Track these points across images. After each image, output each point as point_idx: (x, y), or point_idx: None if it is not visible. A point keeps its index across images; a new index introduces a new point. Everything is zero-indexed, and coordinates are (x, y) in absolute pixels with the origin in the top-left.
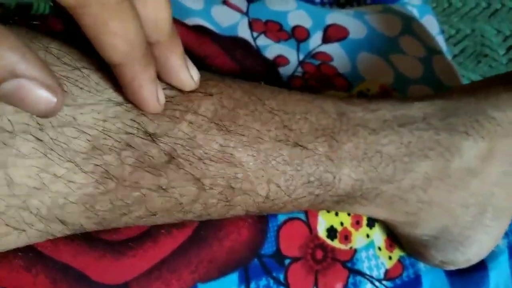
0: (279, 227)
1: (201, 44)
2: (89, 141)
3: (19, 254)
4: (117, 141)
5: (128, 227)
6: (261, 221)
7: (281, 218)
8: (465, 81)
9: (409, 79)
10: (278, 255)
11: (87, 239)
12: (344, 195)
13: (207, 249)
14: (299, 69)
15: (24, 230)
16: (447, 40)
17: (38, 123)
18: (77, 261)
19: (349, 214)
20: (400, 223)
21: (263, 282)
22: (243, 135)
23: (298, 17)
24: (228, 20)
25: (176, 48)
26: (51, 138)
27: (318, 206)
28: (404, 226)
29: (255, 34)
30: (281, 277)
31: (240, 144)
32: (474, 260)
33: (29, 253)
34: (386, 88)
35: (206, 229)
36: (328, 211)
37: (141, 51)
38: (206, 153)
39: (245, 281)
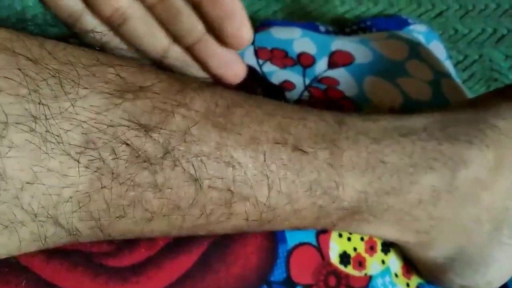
0: (289, 253)
1: None
2: (82, 134)
3: (21, 281)
4: (110, 134)
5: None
6: (270, 246)
7: (291, 243)
8: None
9: (418, 102)
10: (289, 282)
11: (90, 266)
12: (349, 209)
13: (214, 275)
14: (306, 93)
15: (16, 231)
16: (455, 65)
17: (31, 115)
18: None
19: (362, 239)
20: (413, 244)
21: None
22: (240, 134)
23: (303, 44)
24: None
25: None
26: (45, 131)
27: (324, 221)
28: (417, 248)
29: (261, 61)
30: None
31: (237, 144)
32: (496, 283)
33: (31, 280)
34: (396, 111)
35: (213, 255)
36: (340, 235)
37: None
38: (202, 150)
39: None
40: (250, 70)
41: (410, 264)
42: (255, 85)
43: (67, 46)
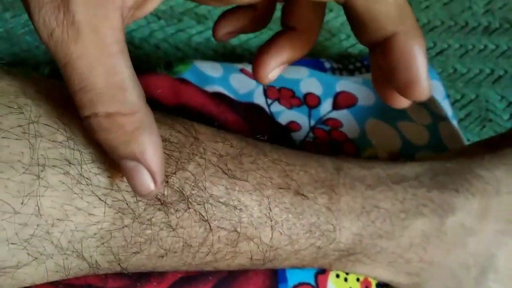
0: None
1: (220, 111)
2: (108, 177)
3: None
4: None
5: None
6: (271, 285)
7: (291, 282)
8: None
9: (416, 146)
10: None
11: None
12: (345, 250)
13: None
14: (311, 134)
15: (43, 263)
16: (452, 104)
17: (66, 159)
18: None
19: (358, 280)
20: (405, 286)
21: None
22: (247, 181)
23: (310, 84)
24: (244, 87)
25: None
26: (77, 173)
27: (321, 261)
28: None
29: (269, 101)
30: None
31: (245, 189)
32: None
33: None
34: (395, 155)
35: None
36: (338, 276)
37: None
38: (212, 195)
39: None
40: (259, 109)
41: None
42: (263, 125)
43: None
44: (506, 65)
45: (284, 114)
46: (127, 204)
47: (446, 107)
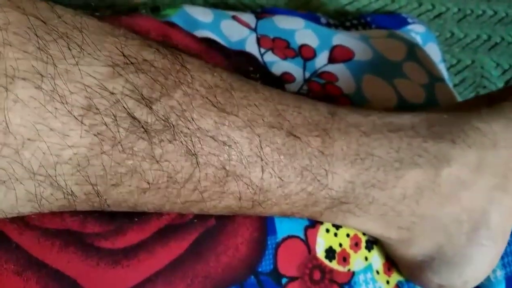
0: (278, 245)
1: (210, 57)
2: (86, 97)
3: (11, 258)
4: (113, 101)
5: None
6: (260, 237)
7: (280, 235)
8: None
9: (412, 105)
10: (275, 274)
11: (82, 247)
12: (337, 198)
13: (203, 264)
14: (305, 87)
15: (13, 188)
16: (448, 69)
17: (38, 73)
18: (70, 268)
19: (348, 236)
20: (395, 241)
21: None
22: (238, 116)
23: (306, 36)
24: (237, 35)
25: None
26: (51, 90)
27: (312, 209)
28: (399, 245)
29: (262, 50)
30: None
31: (235, 125)
32: (472, 283)
33: (21, 258)
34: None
35: (203, 244)
36: (328, 231)
37: None
38: (200, 128)
39: None
40: (252, 58)
41: (391, 262)
42: (255, 72)
43: (76, 12)
44: (503, 32)
45: (277, 65)
46: (106, 126)
47: (442, 71)
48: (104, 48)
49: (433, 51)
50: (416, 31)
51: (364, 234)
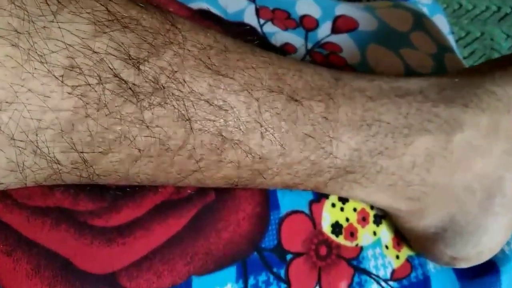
0: (281, 220)
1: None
2: (68, 57)
3: (0, 237)
4: (97, 61)
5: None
6: (262, 212)
7: (284, 210)
8: None
9: (419, 74)
10: (280, 250)
11: (74, 225)
12: (342, 168)
13: (203, 240)
14: (307, 57)
15: None
16: (457, 41)
17: (15, 30)
18: (63, 247)
19: (354, 210)
20: (404, 212)
21: (262, 277)
22: (234, 79)
23: (307, 6)
24: (234, 6)
25: None
26: (28, 48)
27: (315, 180)
28: (409, 216)
29: (262, 21)
30: (282, 273)
31: (231, 88)
32: (487, 253)
33: (11, 237)
34: None
35: (203, 219)
36: (333, 205)
37: None
38: (193, 91)
39: (243, 276)
40: (251, 29)
41: (401, 236)
42: (253, 38)
43: None
44: None
45: (278, 35)
46: (90, 87)
47: (451, 43)
48: (86, 4)
49: (441, 23)
50: (422, 3)
51: (372, 208)
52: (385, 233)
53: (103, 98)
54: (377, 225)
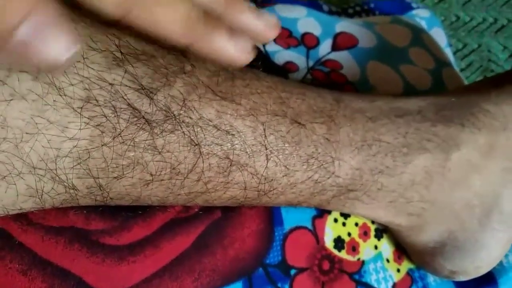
0: (285, 236)
1: None
2: (85, 89)
3: (16, 257)
4: (112, 92)
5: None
6: (267, 229)
7: (288, 226)
8: None
9: (417, 90)
10: (284, 265)
11: (87, 244)
12: (344, 186)
13: (210, 257)
14: (309, 75)
15: (13, 183)
16: (454, 53)
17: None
18: (76, 266)
19: (356, 225)
20: (405, 228)
21: None
22: (240, 105)
23: (308, 24)
24: None
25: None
26: (48, 82)
27: (319, 198)
28: (409, 231)
29: None
30: None
31: (237, 113)
32: (485, 268)
33: (26, 257)
34: None
35: (210, 237)
36: (336, 221)
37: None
38: (202, 117)
39: None
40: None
41: (402, 250)
42: (257, 62)
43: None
44: (510, 14)
45: (280, 54)
46: (106, 118)
47: (448, 56)
48: (101, 39)
49: (439, 35)
50: (420, 16)
51: (373, 222)
52: (386, 247)
53: (118, 127)
54: (378, 239)
